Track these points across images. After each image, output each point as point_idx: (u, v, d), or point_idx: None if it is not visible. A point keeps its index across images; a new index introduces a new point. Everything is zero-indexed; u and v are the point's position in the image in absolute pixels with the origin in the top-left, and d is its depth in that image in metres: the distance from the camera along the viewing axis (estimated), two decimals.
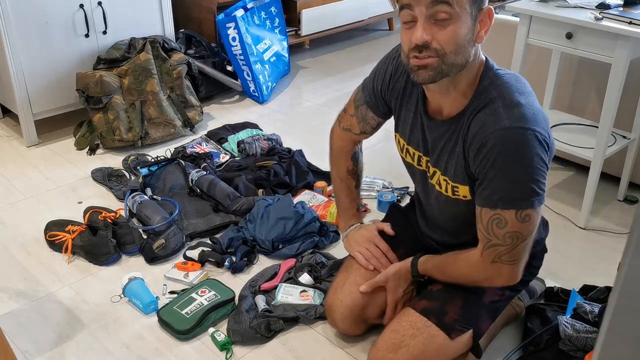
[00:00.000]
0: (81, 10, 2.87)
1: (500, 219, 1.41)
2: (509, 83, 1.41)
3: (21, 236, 2.29)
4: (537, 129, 1.36)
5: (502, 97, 1.39)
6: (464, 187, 1.50)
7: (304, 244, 2.17)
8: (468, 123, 1.42)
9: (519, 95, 1.39)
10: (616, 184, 2.55)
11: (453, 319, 1.57)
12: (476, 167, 1.42)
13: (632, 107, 2.40)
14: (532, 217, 1.40)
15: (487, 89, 1.41)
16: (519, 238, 1.42)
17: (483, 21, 1.36)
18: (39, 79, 2.84)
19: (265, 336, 1.82)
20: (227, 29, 3.30)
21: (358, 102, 1.75)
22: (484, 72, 1.43)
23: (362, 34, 4.58)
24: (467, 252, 1.53)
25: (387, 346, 1.57)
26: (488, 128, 1.37)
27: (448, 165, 1.51)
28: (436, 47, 1.34)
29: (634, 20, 2.07)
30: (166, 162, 2.63)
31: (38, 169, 2.75)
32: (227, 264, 2.10)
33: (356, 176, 1.89)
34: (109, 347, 1.81)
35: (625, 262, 0.71)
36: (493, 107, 1.38)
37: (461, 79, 1.42)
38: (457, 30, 1.32)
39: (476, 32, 1.37)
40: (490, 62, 1.45)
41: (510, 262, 1.45)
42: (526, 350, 1.75)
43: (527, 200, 1.38)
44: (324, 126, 3.19)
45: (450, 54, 1.34)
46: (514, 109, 1.36)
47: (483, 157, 1.38)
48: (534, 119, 1.36)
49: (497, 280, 1.50)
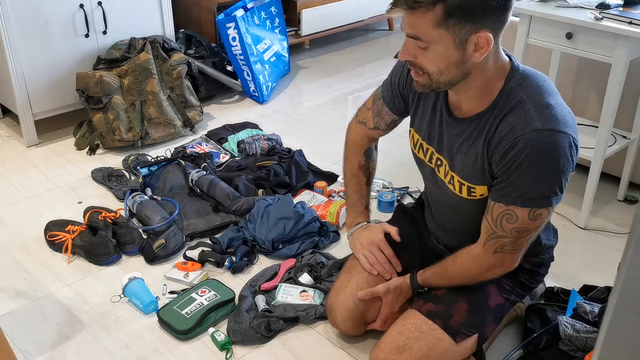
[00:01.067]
0: (81, 10, 2.87)
1: (512, 215, 1.41)
2: (538, 84, 1.40)
3: (21, 236, 2.29)
4: (568, 131, 1.35)
5: (532, 99, 1.37)
6: (481, 187, 1.48)
7: (304, 244, 2.17)
8: (495, 125, 1.40)
9: (548, 97, 1.38)
10: (616, 184, 2.55)
11: (459, 323, 1.56)
12: (500, 168, 1.40)
13: (632, 107, 2.40)
14: (543, 215, 1.41)
15: (514, 90, 1.40)
16: (525, 232, 1.43)
17: (478, 44, 1.32)
18: (39, 79, 2.84)
19: (265, 336, 1.81)
20: (227, 29, 3.31)
21: (376, 96, 1.75)
22: (510, 73, 1.42)
23: (362, 34, 4.57)
24: (467, 248, 1.54)
25: (390, 348, 1.57)
26: (519, 130, 1.35)
27: (463, 165, 1.49)
28: (420, 66, 1.38)
29: (634, 20, 2.07)
30: (166, 162, 2.63)
31: (38, 169, 2.75)
32: (227, 264, 2.10)
33: (367, 172, 1.86)
34: (109, 347, 1.81)
35: (625, 262, 0.70)
36: (523, 109, 1.37)
37: (471, 84, 1.41)
38: (436, 55, 1.35)
39: (468, 54, 1.34)
40: (516, 63, 1.43)
41: (512, 251, 1.47)
42: (526, 350, 1.75)
43: (546, 199, 1.39)
44: (324, 126, 3.21)
45: (434, 74, 1.38)
46: (545, 110, 1.35)
47: (510, 159, 1.37)
48: (564, 121, 1.36)
49: (498, 270, 1.52)
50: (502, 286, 1.64)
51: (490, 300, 1.61)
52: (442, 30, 1.30)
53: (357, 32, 4.56)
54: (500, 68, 1.42)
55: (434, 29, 1.30)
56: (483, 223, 1.48)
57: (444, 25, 1.30)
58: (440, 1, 1.27)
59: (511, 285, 1.66)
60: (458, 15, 1.28)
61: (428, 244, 1.80)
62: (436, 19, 1.29)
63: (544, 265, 1.71)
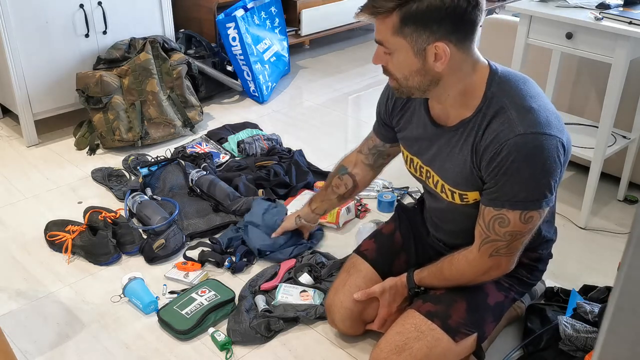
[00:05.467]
0: (81, 10, 2.87)
1: (504, 219, 1.42)
2: (518, 87, 1.41)
3: (21, 236, 2.29)
4: (552, 132, 1.36)
5: (514, 104, 1.38)
6: (473, 193, 1.49)
7: (296, 249, 2.16)
8: (482, 131, 1.41)
9: (530, 99, 1.39)
10: (616, 184, 2.55)
11: (458, 322, 1.56)
12: (488, 174, 1.41)
13: (632, 107, 2.40)
14: (534, 218, 1.41)
15: (495, 95, 1.41)
16: (518, 235, 1.44)
17: (438, 55, 1.35)
18: (39, 79, 2.84)
19: (265, 336, 1.81)
20: (227, 29, 3.31)
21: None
22: (490, 78, 1.42)
23: (362, 34, 4.58)
24: (463, 251, 1.54)
25: (390, 348, 1.57)
26: (503, 137, 1.37)
27: (452, 173, 1.51)
28: (390, 72, 1.45)
29: (634, 20, 2.07)
30: (166, 162, 2.63)
31: (38, 169, 2.75)
32: (227, 263, 2.10)
33: (329, 182, 1.97)
34: (109, 347, 1.81)
35: (625, 262, 0.71)
36: (506, 115, 1.38)
37: (448, 91, 1.43)
38: (399, 62, 1.40)
39: (430, 63, 1.37)
40: (494, 67, 1.44)
41: (507, 254, 1.48)
42: (526, 350, 1.75)
43: (535, 202, 1.39)
44: (324, 126, 3.21)
45: (402, 79, 1.44)
46: (526, 114, 1.36)
47: (496, 165, 1.38)
48: (547, 123, 1.36)
49: (494, 272, 1.52)
50: (500, 284, 1.64)
51: (489, 298, 1.62)
52: (399, 38, 1.36)
53: (357, 32, 4.56)
54: (479, 72, 1.43)
55: (393, 35, 1.36)
56: (476, 228, 1.49)
57: (401, 33, 1.35)
58: (397, 8, 1.32)
59: (509, 282, 1.66)
60: (413, 23, 1.33)
61: (428, 241, 1.81)
62: (394, 26, 1.35)
63: (542, 261, 1.71)
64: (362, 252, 1.83)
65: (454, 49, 1.35)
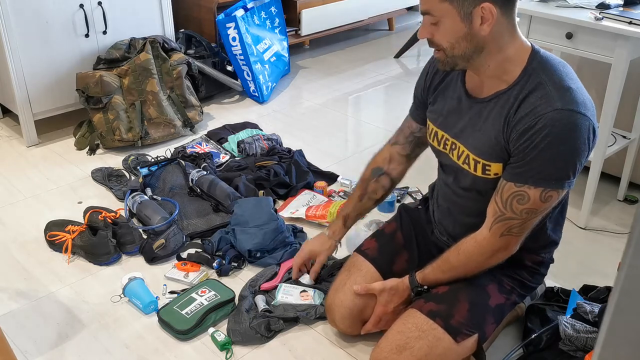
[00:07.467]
0: (81, 10, 2.87)
1: (524, 196, 1.43)
2: (558, 69, 1.44)
3: (21, 236, 2.29)
4: (588, 114, 1.38)
5: (552, 81, 1.41)
6: (496, 165, 1.49)
7: (286, 253, 2.14)
8: (517, 105, 1.43)
9: (569, 81, 1.41)
10: (616, 184, 2.55)
11: (459, 322, 1.56)
12: (517, 147, 1.42)
13: (632, 107, 2.40)
14: (553, 198, 1.43)
15: (535, 71, 1.43)
16: (534, 213, 1.45)
17: (484, 17, 1.38)
18: (39, 79, 2.84)
19: (265, 336, 1.82)
20: (227, 29, 3.31)
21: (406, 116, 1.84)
22: (532, 55, 1.45)
23: (362, 34, 4.57)
24: (471, 235, 1.55)
25: (391, 347, 1.57)
26: (540, 110, 1.38)
27: (479, 142, 1.51)
28: (437, 43, 1.47)
29: (634, 20, 2.07)
30: (166, 162, 2.63)
31: (38, 169, 2.75)
32: (216, 265, 2.09)
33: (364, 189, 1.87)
34: (109, 347, 1.81)
35: (625, 262, 0.71)
36: (545, 90, 1.40)
37: (489, 61, 1.45)
38: (446, 30, 1.43)
39: (476, 27, 1.40)
40: (537, 47, 1.48)
41: (518, 234, 1.48)
42: (526, 350, 1.75)
43: (558, 181, 1.41)
44: (324, 126, 3.21)
45: (448, 49, 1.45)
46: (565, 92, 1.38)
47: (528, 138, 1.39)
48: (583, 104, 1.39)
49: (502, 254, 1.53)
50: (502, 286, 1.65)
51: (491, 300, 1.62)
52: (446, 3, 1.39)
53: (357, 32, 4.56)
54: (520, 49, 1.46)
55: (440, 2, 1.39)
56: (490, 205, 1.50)
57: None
58: None
59: (511, 285, 1.66)
60: None
61: (431, 239, 1.80)
62: None
63: (544, 265, 1.71)
64: (363, 251, 1.83)
65: (499, 12, 1.39)
